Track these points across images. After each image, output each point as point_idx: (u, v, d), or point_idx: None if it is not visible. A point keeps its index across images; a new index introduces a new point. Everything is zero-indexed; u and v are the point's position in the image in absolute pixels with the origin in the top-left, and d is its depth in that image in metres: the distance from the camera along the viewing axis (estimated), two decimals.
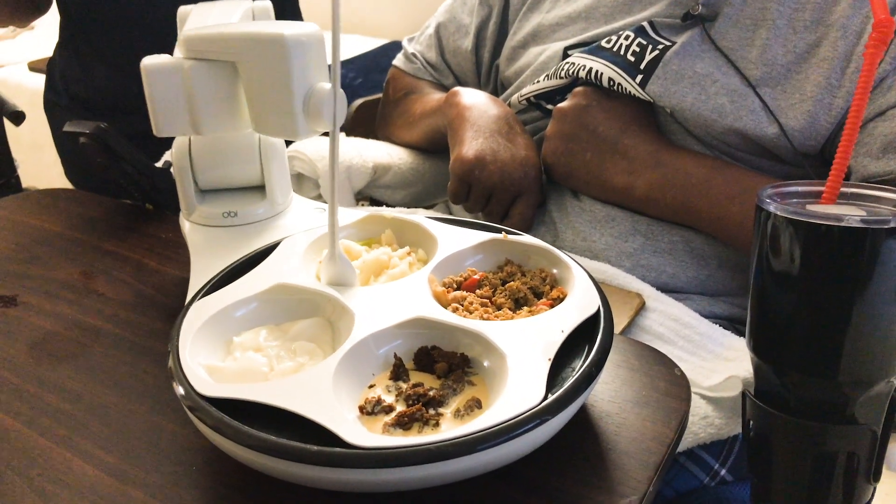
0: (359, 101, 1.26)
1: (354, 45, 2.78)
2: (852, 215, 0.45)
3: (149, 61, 0.58)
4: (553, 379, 0.46)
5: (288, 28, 0.52)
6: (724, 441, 0.67)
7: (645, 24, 0.81)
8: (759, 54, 0.75)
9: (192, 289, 0.60)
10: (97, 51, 1.17)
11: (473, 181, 0.80)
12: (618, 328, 0.68)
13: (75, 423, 0.52)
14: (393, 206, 1.01)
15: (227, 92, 0.58)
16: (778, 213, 0.47)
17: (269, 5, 0.68)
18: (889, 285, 0.45)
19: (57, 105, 1.25)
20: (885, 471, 0.70)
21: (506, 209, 0.82)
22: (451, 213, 0.94)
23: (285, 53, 0.51)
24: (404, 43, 1.12)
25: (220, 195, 0.69)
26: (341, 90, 0.51)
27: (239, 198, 0.69)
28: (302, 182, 0.97)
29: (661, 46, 0.78)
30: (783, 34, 0.74)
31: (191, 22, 0.63)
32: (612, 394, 0.53)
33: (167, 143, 0.68)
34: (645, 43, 0.79)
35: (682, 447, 0.62)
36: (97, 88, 1.19)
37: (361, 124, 1.25)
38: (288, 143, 0.90)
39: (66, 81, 1.23)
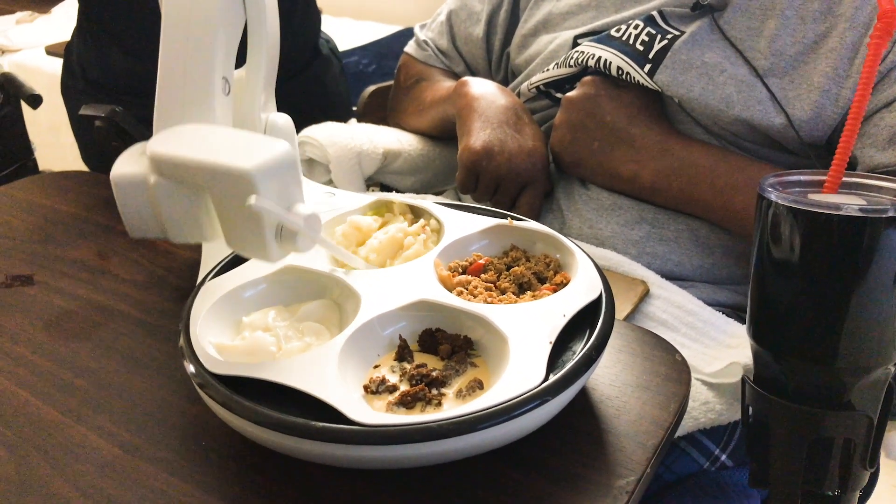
0: (371, 88, 1.27)
1: (367, 32, 2.78)
2: (851, 204, 0.46)
3: (116, 171, 0.55)
4: (554, 361, 0.47)
5: (256, 155, 0.47)
6: (724, 427, 0.68)
7: (654, 13, 0.81)
8: (767, 44, 0.75)
9: (203, 270, 0.61)
10: (112, 35, 1.18)
11: (481, 171, 0.81)
12: (622, 314, 0.69)
13: (89, 399, 0.54)
14: (403, 192, 1.02)
15: (194, 211, 0.54)
16: (779, 201, 0.48)
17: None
18: (887, 273, 0.46)
19: (73, 89, 1.27)
20: (893, 462, 0.71)
21: (513, 199, 0.83)
22: (460, 200, 0.95)
23: (251, 188, 0.46)
24: (416, 30, 1.13)
25: None
26: (316, 213, 0.49)
27: None
28: (313, 167, 0.98)
29: (669, 36, 0.78)
30: (792, 24, 0.75)
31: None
32: (612, 378, 0.54)
33: None
34: (654, 32, 0.79)
35: (682, 432, 0.63)
36: (112, 72, 1.21)
37: (374, 111, 1.26)
38: (297, 129, 0.91)
39: (82, 65, 1.24)
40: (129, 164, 0.56)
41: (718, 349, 0.66)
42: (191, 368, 0.47)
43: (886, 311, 0.47)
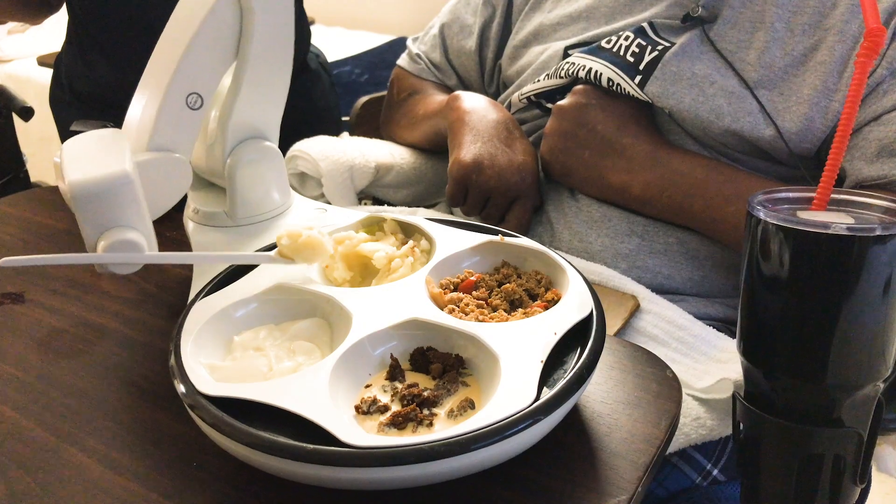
0: (364, 98, 1.27)
1: (360, 42, 2.78)
2: (839, 223, 0.46)
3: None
4: (546, 380, 0.47)
5: (83, 172, 0.50)
6: (716, 442, 0.68)
7: (645, 24, 0.81)
8: (757, 57, 0.75)
9: (195, 288, 0.61)
10: (99, 47, 1.19)
11: (471, 185, 0.81)
12: (612, 330, 0.69)
13: (80, 420, 0.53)
14: (395, 205, 1.02)
15: None
16: (768, 219, 0.48)
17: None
18: (875, 291, 0.46)
19: (61, 100, 1.27)
20: (883, 473, 0.71)
21: (503, 213, 0.83)
22: (452, 213, 0.95)
23: (70, 198, 0.50)
24: (408, 43, 1.13)
25: (223, 194, 0.70)
26: (129, 239, 0.51)
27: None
28: (305, 181, 0.98)
29: (660, 47, 0.79)
30: (781, 37, 0.75)
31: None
32: (604, 395, 0.54)
33: None
34: (644, 44, 0.80)
35: (674, 447, 0.63)
36: (99, 84, 1.21)
37: (367, 121, 1.26)
38: (286, 145, 0.91)
39: (69, 77, 1.24)
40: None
41: (709, 364, 0.66)
42: (181, 388, 0.47)
43: (874, 329, 0.47)
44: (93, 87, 1.22)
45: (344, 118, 1.41)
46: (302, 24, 1.28)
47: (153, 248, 0.54)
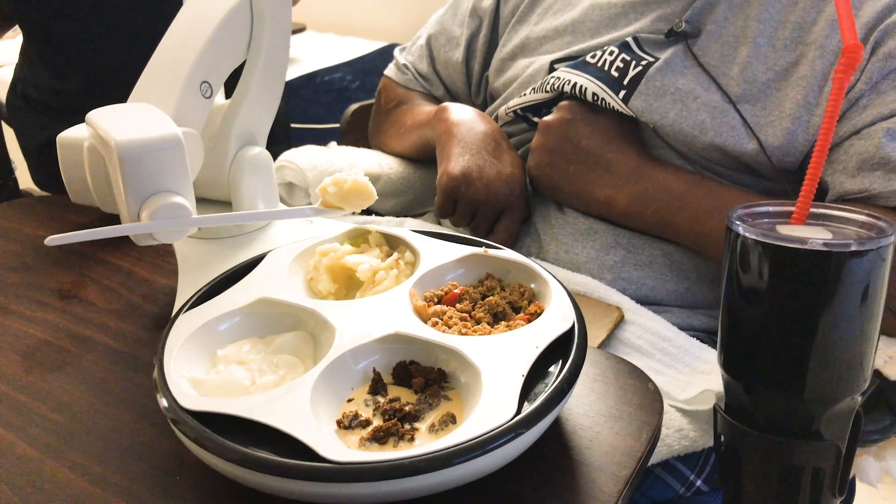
0: (355, 106, 1.28)
1: (351, 48, 2.79)
2: (816, 238, 0.47)
3: (63, 135, 0.60)
4: (527, 393, 0.48)
5: (134, 132, 0.50)
6: (699, 453, 0.69)
7: (629, 39, 0.82)
8: (739, 71, 0.76)
9: (179, 299, 0.61)
10: (39, 55, 1.23)
11: (460, 196, 0.81)
12: (597, 341, 0.69)
13: (64, 433, 0.53)
14: (383, 215, 1.02)
15: (107, 177, 0.56)
16: (746, 234, 0.49)
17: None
18: (852, 305, 0.47)
19: (16, 107, 1.32)
20: (886, 477, 0.72)
21: (491, 224, 0.84)
22: (441, 223, 0.95)
23: (117, 159, 0.49)
24: (396, 53, 1.13)
25: (210, 206, 0.70)
26: (175, 202, 0.51)
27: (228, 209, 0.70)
28: (293, 190, 0.98)
29: (644, 62, 0.79)
30: (763, 52, 0.76)
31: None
32: (585, 407, 0.54)
33: None
34: (629, 58, 0.81)
35: (657, 459, 0.63)
36: (42, 91, 1.26)
37: (357, 128, 1.27)
38: (275, 155, 0.92)
39: (22, 84, 1.30)
40: (74, 131, 0.63)
41: (692, 375, 0.66)
42: (164, 403, 0.47)
43: (851, 342, 0.48)
44: (40, 94, 1.26)
45: (334, 125, 1.42)
46: None
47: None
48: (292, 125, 1.93)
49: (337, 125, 1.35)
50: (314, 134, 2.01)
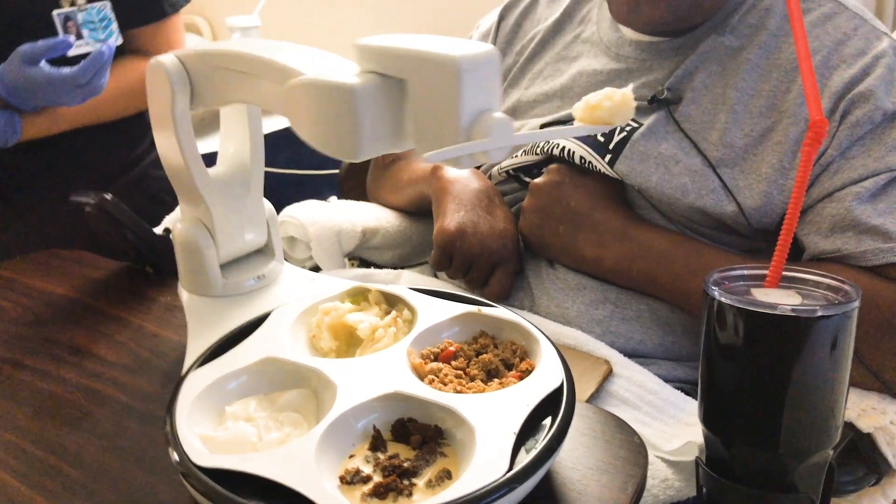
0: None
1: None
2: (785, 304, 0.50)
3: (353, 85, 0.51)
4: (519, 448, 0.51)
5: (462, 49, 0.48)
6: (683, 501, 0.71)
7: None
8: (719, 136, 0.81)
9: (189, 358, 0.64)
10: None
11: (455, 251, 0.85)
12: (586, 394, 0.72)
13: (77, 486, 0.56)
14: (381, 267, 1.06)
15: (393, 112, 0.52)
16: (722, 299, 0.52)
17: None
18: (820, 365, 0.50)
19: None
20: None
21: (485, 277, 0.87)
22: (437, 276, 0.99)
23: (455, 77, 0.47)
24: None
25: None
26: (505, 118, 0.49)
27: (254, 262, 0.74)
28: (295, 244, 1.02)
29: (628, 128, 0.84)
30: (741, 118, 0.81)
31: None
32: (574, 461, 0.57)
33: None
34: None
35: None
36: None
37: (354, 175, 1.32)
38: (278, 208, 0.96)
39: None
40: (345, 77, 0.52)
41: (677, 427, 0.69)
42: (175, 457, 0.50)
43: (821, 400, 0.51)
44: None
45: (333, 171, 1.46)
46: None
47: None
48: (293, 171, 1.98)
49: (336, 171, 1.41)
50: (314, 180, 2.05)
